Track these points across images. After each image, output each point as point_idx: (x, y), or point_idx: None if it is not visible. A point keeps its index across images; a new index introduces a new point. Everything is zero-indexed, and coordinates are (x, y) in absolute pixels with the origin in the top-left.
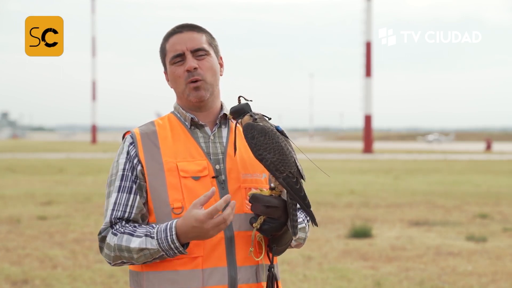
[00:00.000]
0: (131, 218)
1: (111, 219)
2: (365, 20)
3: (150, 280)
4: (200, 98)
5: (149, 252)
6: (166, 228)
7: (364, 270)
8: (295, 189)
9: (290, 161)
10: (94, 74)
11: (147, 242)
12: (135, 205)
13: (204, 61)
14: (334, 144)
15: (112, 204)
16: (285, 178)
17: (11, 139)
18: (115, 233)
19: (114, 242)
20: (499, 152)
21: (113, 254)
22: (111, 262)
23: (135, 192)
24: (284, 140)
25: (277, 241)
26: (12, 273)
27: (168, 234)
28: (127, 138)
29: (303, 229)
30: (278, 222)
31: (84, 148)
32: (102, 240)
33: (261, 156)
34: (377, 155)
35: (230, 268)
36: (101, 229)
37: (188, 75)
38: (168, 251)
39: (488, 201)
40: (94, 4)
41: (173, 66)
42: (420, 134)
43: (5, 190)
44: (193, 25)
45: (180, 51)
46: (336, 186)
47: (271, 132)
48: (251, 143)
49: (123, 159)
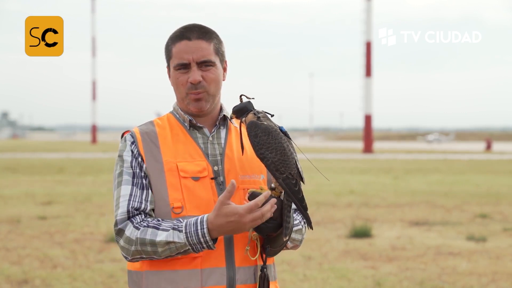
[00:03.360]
0: (147, 210)
1: (129, 209)
2: (365, 20)
3: (149, 279)
4: (200, 109)
5: (175, 246)
6: (197, 221)
7: (364, 270)
8: (294, 191)
9: (291, 162)
10: (94, 74)
11: (174, 236)
12: (149, 199)
13: (209, 73)
14: (334, 144)
15: (127, 195)
16: (284, 179)
17: (11, 139)
18: (137, 226)
19: (136, 236)
20: (499, 152)
21: (133, 248)
22: (129, 257)
23: (147, 187)
24: (287, 141)
25: (272, 242)
26: (12, 273)
27: (199, 228)
28: (128, 137)
29: (299, 231)
30: (275, 223)
31: (84, 148)
32: (119, 233)
33: (262, 155)
34: (377, 155)
35: (229, 269)
36: (118, 220)
37: (191, 86)
38: (195, 245)
39: (488, 201)
40: (94, 4)
41: (177, 72)
42: (420, 134)
43: (5, 190)
44: (202, 29)
45: (186, 61)
46: (336, 186)
47: (275, 132)
48: (254, 141)
49: (128, 156)
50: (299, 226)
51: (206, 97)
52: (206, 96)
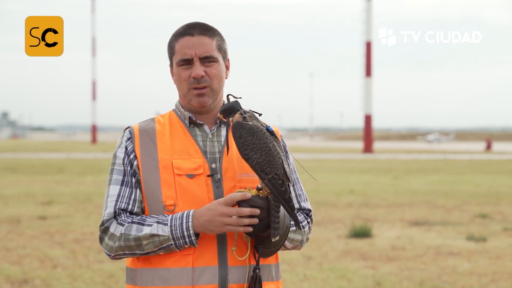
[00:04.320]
0: (134, 211)
1: (115, 210)
2: (365, 20)
3: (143, 276)
4: (202, 104)
5: (158, 239)
6: (183, 215)
7: (364, 270)
8: (280, 191)
9: (277, 162)
10: (94, 74)
11: (158, 229)
12: (136, 199)
13: (212, 68)
14: (334, 144)
15: (115, 196)
16: (270, 179)
17: (11, 139)
18: (122, 223)
19: (120, 232)
20: (499, 152)
21: (116, 244)
22: (111, 254)
23: (135, 186)
24: (273, 141)
25: (263, 243)
26: (12, 273)
27: (184, 221)
28: (126, 133)
29: (299, 231)
30: (263, 223)
31: (84, 148)
32: (104, 231)
33: (247, 156)
34: (377, 155)
35: (221, 268)
36: (104, 220)
37: (194, 81)
38: (178, 240)
39: (488, 201)
40: (94, 4)
41: (179, 68)
42: (420, 134)
43: (5, 190)
44: (205, 26)
45: (189, 56)
46: (336, 186)
47: (260, 132)
48: (238, 142)
49: (121, 153)
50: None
51: (209, 93)
52: (209, 91)
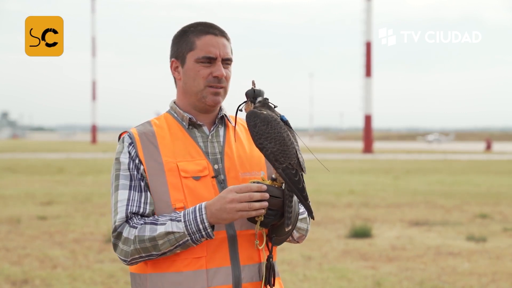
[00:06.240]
0: (146, 213)
1: (127, 214)
2: (365, 20)
3: (153, 282)
4: (216, 103)
5: (174, 237)
6: (195, 209)
7: (364, 270)
8: (294, 181)
9: (291, 152)
10: (94, 74)
11: (173, 226)
12: (147, 202)
13: (228, 70)
14: (334, 144)
15: (125, 200)
16: (284, 169)
17: (11, 139)
18: (134, 225)
19: (134, 234)
20: (499, 152)
21: (132, 247)
22: (127, 259)
23: (145, 189)
24: (288, 131)
25: (277, 231)
26: (12, 273)
27: (197, 215)
28: (126, 138)
29: (304, 220)
30: (277, 213)
31: (84, 148)
32: (117, 236)
33: (261, 145)
34: (377, 155)
35: (234, 268)
36: (116, 225)
37: (214, 80)
38: (194, 234)
39: (488, 201)
40: (94, 4)
41: (198, 65)
42: (420, 134)
43: (5, 190)
44: (222, 29)
45: (214, 55)
46: (336, 186)
47: (274, 121)
48: (252, 131)
49: (125, 158)
50: (304, 214)
51: (223, 93)
52: (223, 92)
